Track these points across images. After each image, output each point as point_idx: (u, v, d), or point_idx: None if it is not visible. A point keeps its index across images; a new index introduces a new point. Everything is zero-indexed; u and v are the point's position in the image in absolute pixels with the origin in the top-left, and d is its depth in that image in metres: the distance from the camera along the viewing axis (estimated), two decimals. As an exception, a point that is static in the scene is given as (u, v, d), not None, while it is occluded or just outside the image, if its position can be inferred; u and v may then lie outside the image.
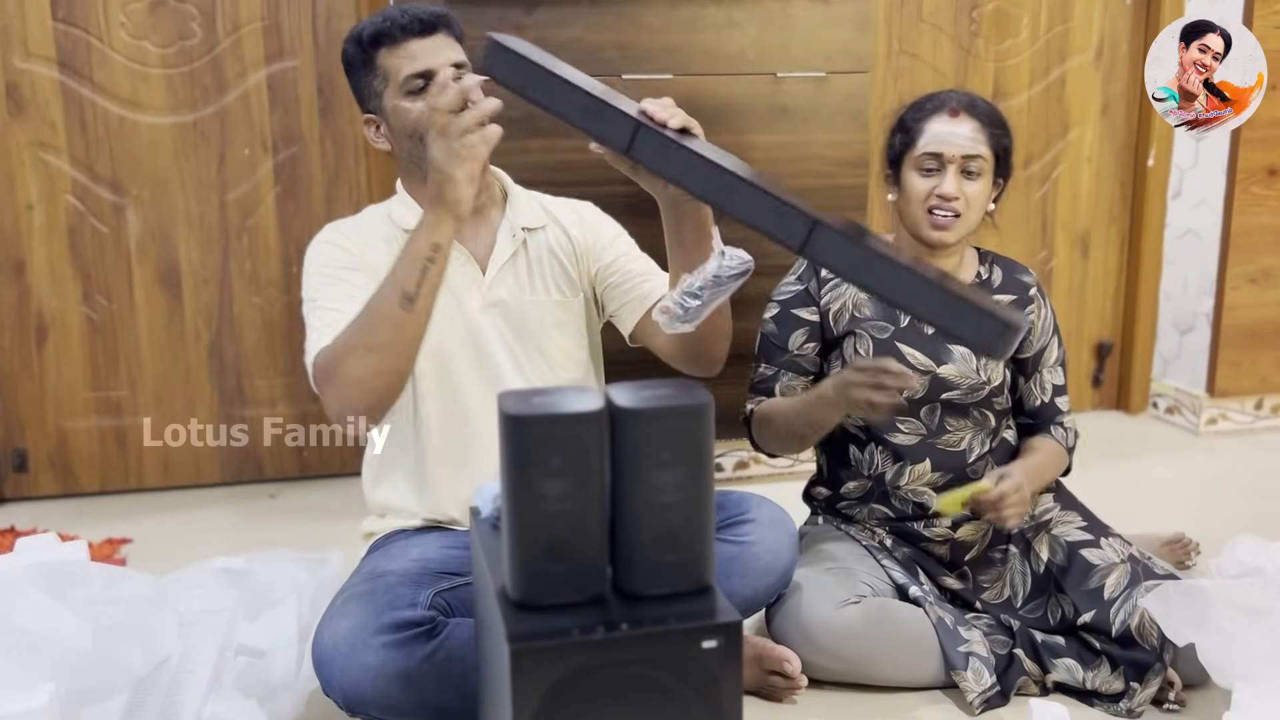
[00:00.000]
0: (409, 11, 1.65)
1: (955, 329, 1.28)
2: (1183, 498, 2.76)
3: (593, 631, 1.06)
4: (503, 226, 1.75)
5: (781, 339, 1.93)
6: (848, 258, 1.29)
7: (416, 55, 1.63)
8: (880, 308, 1.90)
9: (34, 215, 2.62)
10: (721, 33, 2.55)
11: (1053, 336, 1.96)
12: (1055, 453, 1.94)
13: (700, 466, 1.10)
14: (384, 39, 1.65)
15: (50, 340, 2.68)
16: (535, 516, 1.08)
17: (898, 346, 1.88)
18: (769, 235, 1.30)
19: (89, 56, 2.57)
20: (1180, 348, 3.27)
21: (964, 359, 1.88)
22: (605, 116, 1.32)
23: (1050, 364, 1.96)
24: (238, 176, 2.70)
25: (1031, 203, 3.22)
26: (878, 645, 1.76)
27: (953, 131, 1.82)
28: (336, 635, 1.44)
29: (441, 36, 1.66)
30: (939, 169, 1.83)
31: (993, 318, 1.27)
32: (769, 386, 1.94)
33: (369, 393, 1.46)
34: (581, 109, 1.32)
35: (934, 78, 3.04)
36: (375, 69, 1.66)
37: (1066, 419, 1.98)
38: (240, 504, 2.73)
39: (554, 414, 1.07)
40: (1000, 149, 1.85)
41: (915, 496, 1.90)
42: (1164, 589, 1.66)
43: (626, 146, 1.32)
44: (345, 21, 2.67)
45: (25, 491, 2.74)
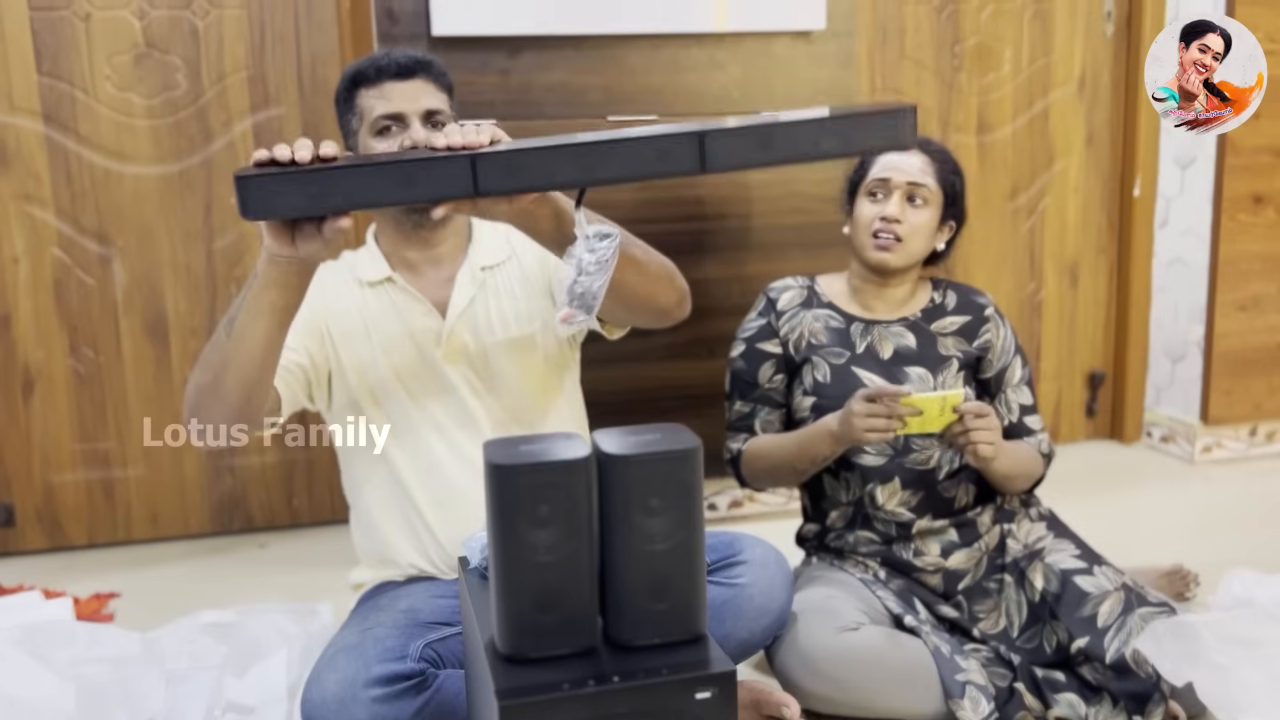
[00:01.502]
0: (392, 54, 1.67)
1: (866, 144, 1.27)
2: (1180, 527, 2.74)
3: (584, 685, 1.04)
4: (462, 270, 1.75)
5: (751, 374, 1.99)
6: (748, 146, 1.23)
7: (390, 97, 1.64)
8: (835, 334, 1.94)
9: (19, 268, 2.61)
10: (705, 73, 2.56)
11: (1014, 356, 2.01)
12: (1026, 447, 1.97)
13: (690, 512, 1.09)
14: (362, 79, 1.67)
15: (36, 393, 2.66)
16: (523, 567, 1.06)
17: (854, 371, 1.93)
18: (667, 175, 1.22)
19: (74, 109, 2.57)
20: (1173, 376, 3.26)
21: (920, 379, 1.93)
22: (431, 172, 1.19)
23: (1014, 384, 2.01)
24: (224, 225, 2.69)
25: (1019, 234, 3.23)
26: (877, 673, 1.74)
27: (902, 161, 1.93)
28: (325, 690, 1.42)
29: (419, 82, 1.67)
30: (886, 195, 1.92)
31: (883, 114, 1.27)
32: (748, 423, 2.00)
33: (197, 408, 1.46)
34: (399, 181, 1.18)
35: (918, 113, 3.04)
36: (354, 107, 1.68)
37: (1040, 436, 2.00)
38: (229, 555, 2.70)
39: (540, 462, 1.05)
40: (948, 186, 1.94)
41: (894, 517, 1.92)
42: (1154, 628, 1.65)
43: (473, 187, 1.20)
44: (330, 70, 2.68)
45: (12, 547, 2.71)
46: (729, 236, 2.65)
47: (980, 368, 1.99)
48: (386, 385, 1.70)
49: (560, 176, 1.21)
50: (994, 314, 2.01)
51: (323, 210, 1.20)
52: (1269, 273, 3.12)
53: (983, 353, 1.98)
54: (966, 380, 1.97)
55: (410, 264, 1.75)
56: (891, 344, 1.96)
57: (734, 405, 2.02)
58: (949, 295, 2.03)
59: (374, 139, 1.65)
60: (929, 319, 1.99)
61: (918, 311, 2.00)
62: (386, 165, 1.18)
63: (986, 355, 1.99)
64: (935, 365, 1.95)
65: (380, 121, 1.64)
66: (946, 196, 1.95)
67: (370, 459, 1.72)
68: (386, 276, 1.73)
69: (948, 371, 1.95)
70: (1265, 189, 3.07)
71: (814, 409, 1.93)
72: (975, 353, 1.98)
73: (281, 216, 1.21)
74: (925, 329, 1.98)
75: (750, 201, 2.65)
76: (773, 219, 2.67)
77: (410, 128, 1.64)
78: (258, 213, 1.19)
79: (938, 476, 1.91)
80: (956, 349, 1.97)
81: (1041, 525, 1.96)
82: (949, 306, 2.01)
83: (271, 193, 1.17)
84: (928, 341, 1.97)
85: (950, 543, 1.92)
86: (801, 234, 2.67)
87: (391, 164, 1.18)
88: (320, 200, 1.19)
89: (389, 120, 1.64)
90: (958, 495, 1.94)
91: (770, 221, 2.67)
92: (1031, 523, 1.97)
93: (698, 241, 2.60)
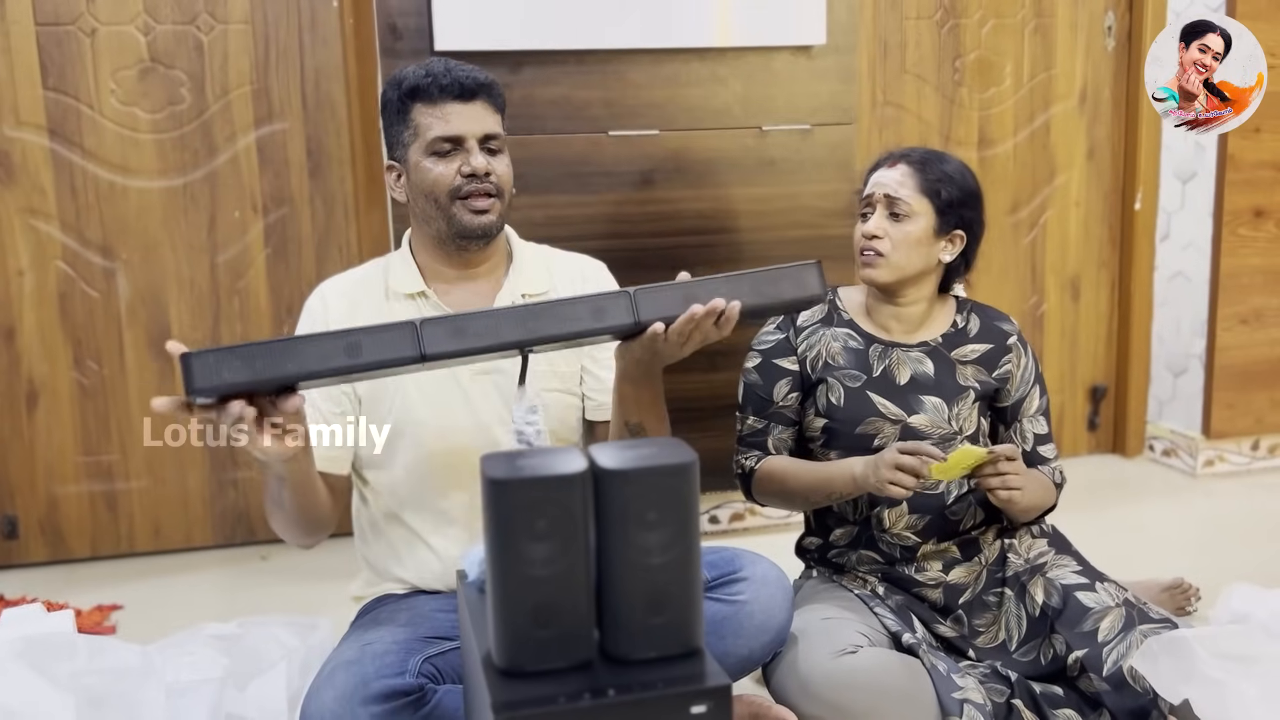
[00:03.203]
0: (453, 72, 1.64)
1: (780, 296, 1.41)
2: (1182, 541, 2.74)
3: (579, 699, 1.04)
4: (503, 291, 1.72)
5: (766, 390, 1.94)
6: (673, 299, 1.36)
7: (449, 119, 1.63)
8: (853, 356, 1.91)
9: (24, 281, 2.62)
10: (706, 88, 2.58)
11: (1033, 387, 1.96)
12: (1041, 478, 1.93)
13: (687, 526, 1.09)
14: (421, 94, 1.64)
15: (40, 406, 2.67)
16: (520, 581, 1.06)
17: (869, 396, 1.89)
18: (603, 334, 1.31)
19: (79, 123, 2.59)
20: (1175, 389, 3.26)
21: (935, 409, 1.89)
22: (380, 339, 1.24)
23: (1031, 414, 1.96)
24: (228, 239, 2.70)
25: (1020, 248, 3.23)
26: (875, 695, 1.74)
27: (883, 176, 1.90)
28: (324, 706, 1.42)
29: (480, 105, 1.65)
30: (870, 211, 1.91)
31: (792, 269, 1.41)
32: (760, 440, 1.95)
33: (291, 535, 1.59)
34: (346, 348, 1.22)
35: (919, 128, 3.06)
36: (408, 121, 1.65)
37: (1053, 465, 1.97)
38: (232, 567, 2.70)
39: (537, 477, 1.06)
40: (934, 195, 1.87)
41: (900, 541, 1.90)
42: (1149, 645, 1.64)
43: (419, 354, 1.24)
44: (334, 84, 2.69)
45: (15, 559, 2.72)
46: (733, 250, 2.65)
47: (998, 397, 1.95)
48: (409, 402, 1.67)
49: (505, 337, 1.27)
50: (1017, 343, 1.96)
51: (269, 384, 1.21)
52: (1270, 286, 3.13)
53: (1002, 383, 1.94)
54: (982, 411, 1.93)
55: (446, 279, 1.73)
56: (909, 370, 1.91)
57: (746, 420, 1.96)
58: (972, 319, 1.97)
59: (428, 159, 1.64)
60: (950, 345, 1.94)
61: (939, 337, 1.94)
62: (331, 336, 1.21)
63: (1005, 386, 1.94)
64: (952, 396, 1.90)
65: (439, 144, 1.63)
66: (936, 205, 1.88)
67: (378, 473, 1.71)
68: (420, 291, 1.70)
69: (963, 404, 1.90)
70: (1266, 203, 3.08)
71: (825, 430, 1.90)
72: (994, 384, 1.93)
73: (228, 391, 1.20)
74: (945, 356, 1.93)
75: (755, 215, 2.66)
76: (777, 232, 2.67)
77: (470, 152, 1.63)
78: (204, 387, 1.19)
79: (946, 501, 1.88)
80: (975, 379, 1.92)
81: (1043, 541, 1.95)
82: (971, 332, 1.96)
83: (217, 366, 1.19)
84: (946, 370, 1.92)
85: (952, 559, 1.92)
86: (806, 248, 2.67)
87: (336, 335, 1.21)
88: (266, 372, 1.20)
89: (448, 143, 1.63)
90: (964, 519, 1.91)
91: (774, 235, 2.67)
92: (1033, 538, 1.96)
93: (702, 255, 2.61)
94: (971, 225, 1.93)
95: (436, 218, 1.66)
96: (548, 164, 2.51)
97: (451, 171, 1.63)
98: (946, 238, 1.91)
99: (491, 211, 1.65)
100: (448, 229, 1.66)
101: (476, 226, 1.65)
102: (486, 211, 1.65)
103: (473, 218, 1.64)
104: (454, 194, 1.63)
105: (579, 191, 2.54)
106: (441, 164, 1.63)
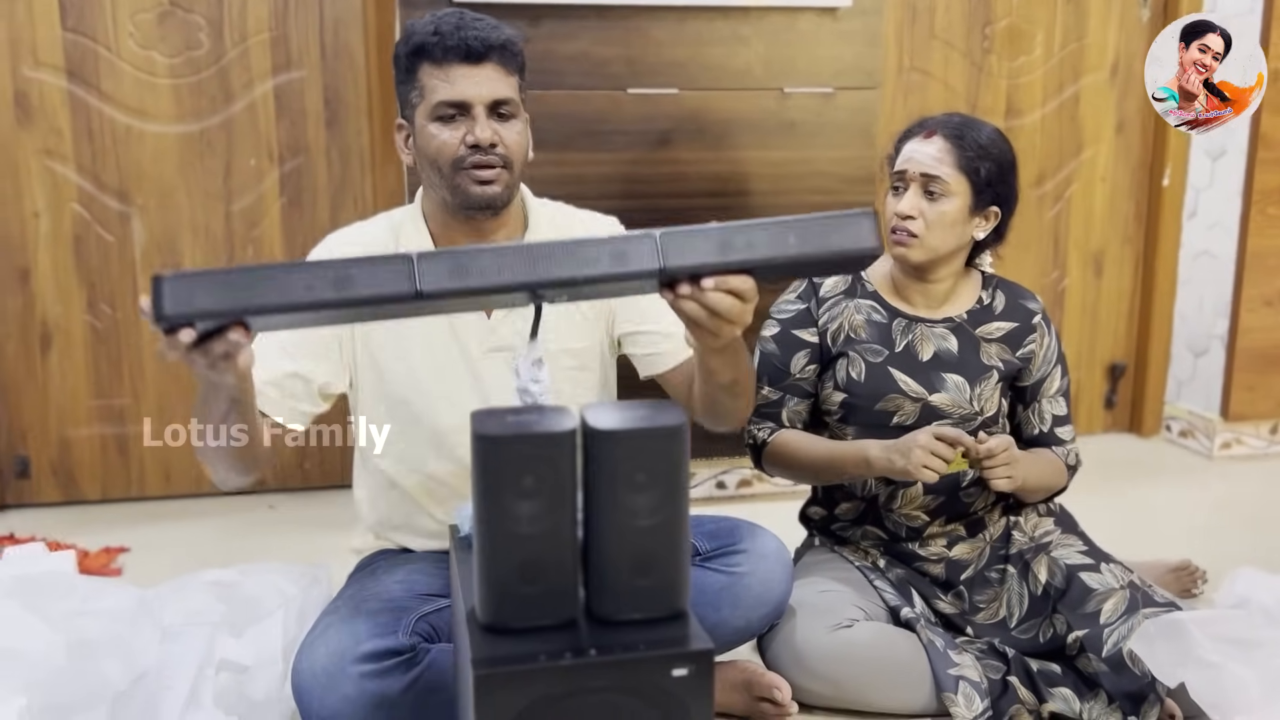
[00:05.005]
0: (463, 31, 1.51)
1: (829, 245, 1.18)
2: (1195, 523, 2.71)
3: (560, 657, 1.04)
4: None
5: (784, 361, 1.90)
6: (705, 245, 1.18)
7: (455, 82, 1.52)
8: (876, 330, 1.87)
9: (40, 223, 2.63)
10: (728, 47, 2.54)
11: (1055, 366, 1.93)
12: (1052, 460, 1.91)
13: (675, 489, 1.08)
14: (426, 54, 1.53)
15: (54, 348, 2.69)
16: (506, 539, 1.05)
17: (890, 372, 1.85)
18: (625, 279, 1.15)
19: (97, 66, 2.58)
20: (1195, 370, 3.22)
21: (957, 388, 1.85)
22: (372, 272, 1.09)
23: (1051, 394, 1.93)
24: (243, 187, 2.70)
25: (1044, 222, 3.18)
26: (870, 670, 1.73)
27: (918, 150, 1.82)
28: (315, 664, 1.42)
29: (490, 68, 1.53)
30: (904, 188, 1.83)
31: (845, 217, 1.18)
32: (775, 412, 1.91)
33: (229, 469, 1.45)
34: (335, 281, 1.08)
35: (945, 94, 3.01)
36: (415, 81, 1.55)
37: (1069, 447, 1.94)
38: (239, 515, 2.72)
39: (526, 434, 1.05)
40: (973, 172, 1.80)
41: (908, 520, 1.88)
42: (1145, 628, 1.62)
43: (414, 290, 1.10)
44: (352, 33, 2.67)
45: (27, 498, 2.74)
46: (749, 213, 2.61)
47: (1020, 377, 1.92)
48: (417, 376, 1.62)
49: (509, 277, 1.12)
50: (1041, 322, 1.92)
51: (246, 312, 1.08)
52: (1297, 268, 3.07)
53: (1025, 363, 1.90)
54: (1004, 391, 1.89)
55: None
56: (932, 346, 1.87)
57: (760, 389, 1.90)
58: (998, 296, 1.93)
59: (433, 124, 1.54)
60: (975, 322, 1.90)
61: (963, 313, 1.90)
62: (318, 265, 1.09)
63: (1028, 365, 1.91)
64: (975, 375, 1.86)
65: (443, 109, 1.52)
66: (974, 183, 1.81)
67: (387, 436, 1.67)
68: None
69: (986, 384, 1.86)
70: (1297, 183, 3.02)
71: (843, 405, 1.86)
72: (1018, 363, 1.89)
73: (201, 318, 1.07)
74: (969, 333, 1.89)
75: (773, 179, 2.62)
76: (794, 197, 2.64)
77: (476, 120, 1.52)
78: (175, 314, 1.05)
79: (960, 483, 1.86)
80: (1000, 357, 1.88)
81: (1049, 520, 1.93)
82: (997, 310, 1.91)
83: (191, 290, 1.06)
84: (970, 348, 1.88)
85: (957, 536, 1.90)
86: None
87: (324, 264, 1.09)
88: (245, 300, 1.07)
89: (453, 109, 1.52)
90: (976, 501, 1.90)
91: (792, 200, 2.64)
92: (1039, 517, 1.94)
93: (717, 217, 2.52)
94: (1007, 200, 1.87)
95: (440, 186, 1.57)
96: (565, 120, 2.49)
97: (456, 139, 1.53)
98: (981, 214, 1.84)
99: (497, 183, 1.54)
100: (452, 199, 1.57)
101: (480, 198, 1.55)
102: (492, 183, 1.54)
103: (477, 189, 1.54)
104: (457, 164, 1.53)
105: (596, 149, 2.52)
106: (446, 130, 1.53)
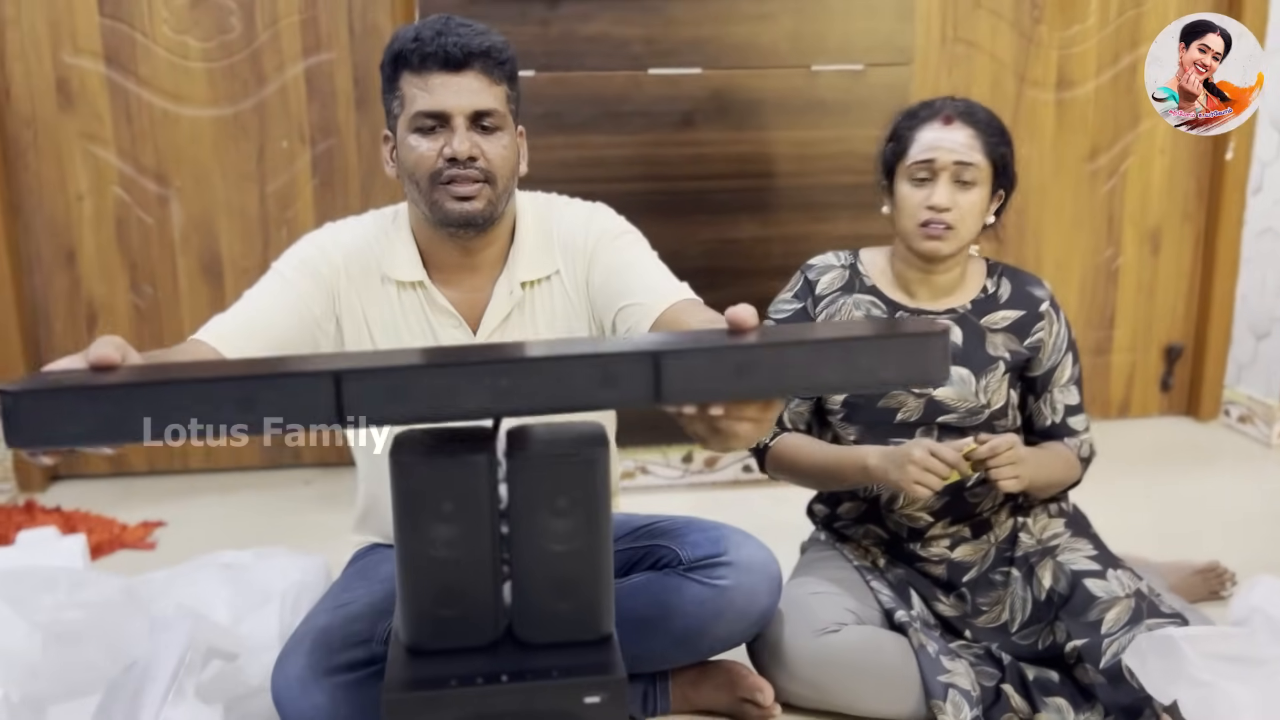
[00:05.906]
0: (444, 37, 1.44)
1: (883, 377, 0.95)
2: (1249, 513, 2.59)
3: (472, 682, 1.04)
4: (500, 281, 1.57)
5: None
6: (717, 369, 0.93)
7: (433, 91, 1.44)
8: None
9: (84, 206, 2.71)
10: (754, 25, 2.48)
11: (1066, 354, 1.85)
12: (1063, 453, 1.84)
13: (595, 514, 1.07)
14: (405, 62, 1.46)
15: (99, 326, 2.78)
16: (424, 562, 1.06)
17: None
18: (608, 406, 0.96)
19: (134, 51, 2.64)
20: (1256, 353, 3.07)
21: (962, 381, 1.79)
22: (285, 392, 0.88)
23: (1062, 383, 1.85)
24: (276, 168, 2.74)
25: (1098, 197, 3.06)
26: (856, 675, 1.71)
27: (945, 138, 1.73)
28: (289, 674, 1.46)
29: (471, 76, 1.45)
30: (931, 178, 1.74)
31: (909, 343, 0.95)
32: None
33: None
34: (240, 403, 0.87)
35: (992, 67, 2.90)
36: (396, 90, 1.49)
37: (1082, 438, 1.87)
38: (275, 490, 2.79)
39: (444, 459, 1.05)
40: (997, 157, 1.75)
41: (910, 521, 1.84)
42: (1138, 644, 1.56)
43: (336, 415, 0.89)
44: (381, 15, 2.67)
45: (78, 469, 2.86)
46: (775, 195, 2.57)
47: (1029, 367, 1.85)
48: None
49: (465, 404, 0.93)
50: (1049, 309, 1.84)
51: (119, 440, 0.88)
52: (1370, 248, 2.91)
53: (1033, 352, 1.83)
54: (1012, 382, 1.83)
55: (444, 267, 1.57)
56: None
57: None
58: (1003, 284, 1.85)
59: (412, 135, 1.47)
60: (979, 312, 1.83)
61: (967, 303, 1.83)
62: (220, 382, 0.88)
63: (1037, 355, 1.83)
64: (980, 368, 1.80)
65: (421, 119, 1.45)
66: (996, 169, 1.76)
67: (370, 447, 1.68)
68: (419, 280, 1.56)
69: (992, 376, 1.80)
70: (1371, 157, 2.84)
71: (845, 404, 1.82)
72: (1025, 353, 1.82)
73: (59, 446, 0.88)
74: (974, 323, 1.82)
75: (801, 160, 2.57)
76: (823, 178, 2.58)
77: (454, 131, 1.45)
78: (30, 440, 0.86)
79: (966, 482, 1.79)
80: (1006, 348, 1.81)
81: (1059, 522, 1.86)
82: (1002, 298, 1.84)
83: (52, 413, 0.86)
84: (975, 339, 1.81)
85: (961, 538, 1.85)
86: (852, 194, 2.57)
87: (227, 381, 0.88)
88: (116, 427, 0.87)
89: (431, 119, 1.45)
90: (983, 501, 1.84)
91: (820, 181, 2.58)
92: (1049, 518, 1.87)
93: (742, 200, 2.54)
94: (1013, 182, 1.82)
95: (419, 200, 1.50)
96: (585, 102, 2.46)
97: (434, 152, 1.45)
98: (994, 197, 1.79)
99: (478, 199, 1.47)
100: (430, 214, 1.50)
101: (457, 215, 1.47)
102: (471, 199, 1.46)
103: (454, 205, 1.47)
104: (434, 178, 1.46)
105: (616, 131, 2.49)
106: (425, 142, 1.46)
